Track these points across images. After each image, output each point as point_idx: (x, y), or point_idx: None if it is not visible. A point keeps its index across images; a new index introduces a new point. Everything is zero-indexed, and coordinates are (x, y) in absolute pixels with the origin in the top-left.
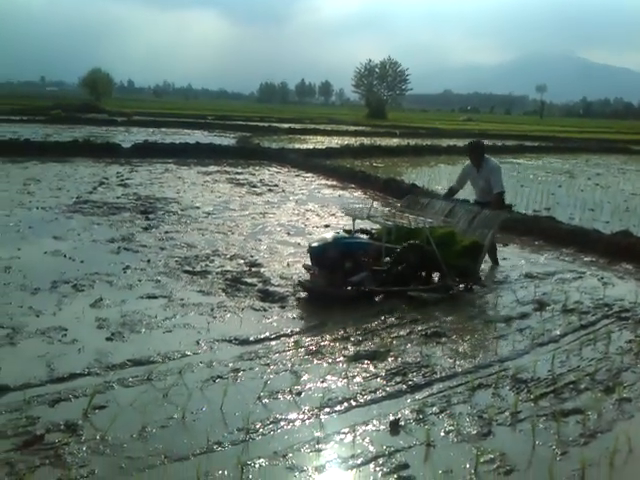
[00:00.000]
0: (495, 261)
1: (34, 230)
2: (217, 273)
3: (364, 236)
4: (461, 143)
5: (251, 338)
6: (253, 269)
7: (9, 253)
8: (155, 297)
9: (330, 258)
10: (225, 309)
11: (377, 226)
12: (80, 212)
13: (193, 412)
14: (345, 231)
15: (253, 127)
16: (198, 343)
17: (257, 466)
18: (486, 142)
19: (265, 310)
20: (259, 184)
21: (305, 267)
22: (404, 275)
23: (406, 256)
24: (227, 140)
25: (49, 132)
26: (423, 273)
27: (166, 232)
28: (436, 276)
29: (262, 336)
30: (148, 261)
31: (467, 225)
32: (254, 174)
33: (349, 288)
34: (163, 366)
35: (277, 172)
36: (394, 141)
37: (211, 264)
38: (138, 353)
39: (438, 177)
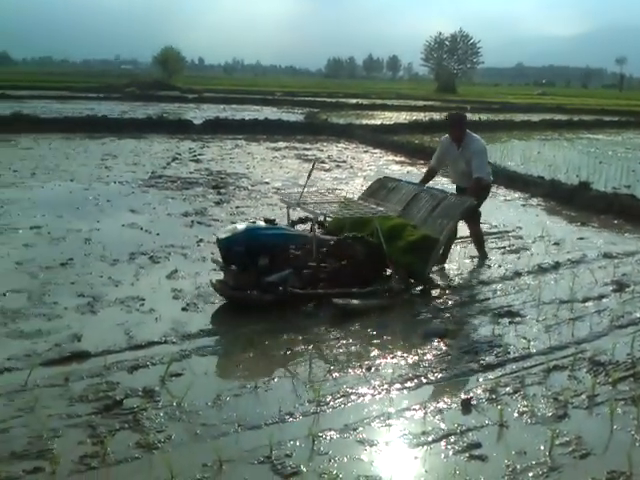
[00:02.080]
0: (483, 254)
1: (112, 203)
2: None
3: (301, 226)
4: (536, 118)
5: (321, 312)
6: None
7: (89, 225)
8: None
9: (238, 253)
10: None
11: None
12: (155, 187)
13: (265, 382)
14: (266, 220)
15: (321, 103)
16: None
17: (328, 438)
18: (563, 117)
19: None
20: (327, 160)
21: (214, 262)
22: (342, 274)
23: (345, 251)
24: (295, 116)
25: (124, 109)
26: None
27: (237, 207)
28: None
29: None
30: None
31: (428, 214)
32: (322, 150)
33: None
34: (232, 336)
35: (345, 148)
36: None
37: None
38: (212, 323)
39: (511, 153)
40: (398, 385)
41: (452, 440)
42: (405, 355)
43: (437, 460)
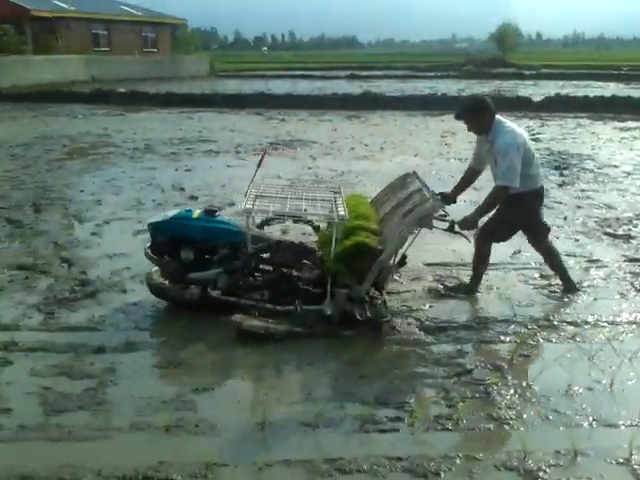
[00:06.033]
0: (566, 279)
1: (455, 179)
2: None
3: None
4: None
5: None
6: None
7: None
8: (575, 255)
9: (160, 242)
10: None
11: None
12: None
13: (622, 381)
14: (207, 210)
15: None
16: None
17: None
18: None
19: None
20: None
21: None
22: (285, 285)
23: (288, 258)
24: None
25: (461, 87)
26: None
27: (582, 190)
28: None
29: None
30: (565, 218)
31: (400, 219)
32: None
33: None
34: (590, 330)
35: None
36: None
37: (635, 228)
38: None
39: None
40: None
41: None
42: None
43: None
